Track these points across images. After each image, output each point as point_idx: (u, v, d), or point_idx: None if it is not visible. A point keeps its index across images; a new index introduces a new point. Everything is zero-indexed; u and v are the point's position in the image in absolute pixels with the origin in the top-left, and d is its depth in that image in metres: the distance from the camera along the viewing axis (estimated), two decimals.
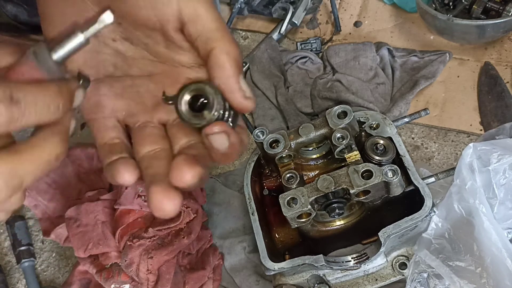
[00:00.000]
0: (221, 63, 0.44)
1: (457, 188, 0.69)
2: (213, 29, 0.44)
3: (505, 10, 0.96)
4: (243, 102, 0.44)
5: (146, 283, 0.81)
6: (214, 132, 0.43)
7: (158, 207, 0.41)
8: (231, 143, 0.44)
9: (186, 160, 0.42)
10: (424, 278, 0.71)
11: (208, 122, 0.43)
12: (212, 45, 0.44)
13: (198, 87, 0.44)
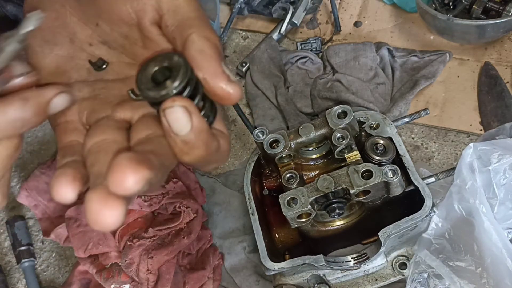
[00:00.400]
0: (200, 47, 0.39)
1: (457, 188, 0.69)
2: (192, 18, 0.42)
3: (505, 10, 0.96)
4: (227, 87, 0.38)
5: (146, 283, 0.81)
6: (172, 106, 0.35)
7: (94, 219, 0.32)
8: (195, 127, 0.35)
9: (130, 159, 0.32)
10: (424, 278, 0.71)
11: (169, 94, 0.36)
12: (190, 31, 0.40)
13: (166, 56, 0.38)
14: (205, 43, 0.40)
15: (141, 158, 0.33)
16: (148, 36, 0.44)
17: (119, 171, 0.32)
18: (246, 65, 1.08)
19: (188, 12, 0.42)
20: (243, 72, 1.09)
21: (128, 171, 0.32)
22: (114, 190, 0.32)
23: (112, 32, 0.46)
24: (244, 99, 1.07)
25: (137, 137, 0.39)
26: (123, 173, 0.32)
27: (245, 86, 1.08)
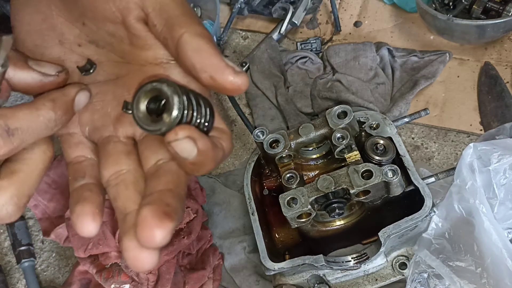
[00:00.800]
0: (197, 46, 0.39)
1: (457, 188, 0.69)
2: (180, 15, 0.41)
3: (505, 10, 0.96)
4: (235, 80, 0.38)
5: (146, 283, 0.81)
6: (176, 139, 0.36)
7: (134, 264, 0.36)
8: (201, 149, 0.37)
9: (154, 215, 0.35)
10: (425, 278, 0.71)
11: (169, 127, 0.37)
12: (181, 31, 0.39)
13: (154, 87, 0.37)
14: (200, 40, 0.39)
15: (164, 211, 0.36)
16: (134, 33, 0.43)
17: (146, 229, 0.35)
18: (246, 65, 1.08)
19: (174, 9, 0.41)
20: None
21: (155, 228, 0.35)
22: (145, 245, 0.35)
23: (98, 31, 0.45)
24: (244, 99, 1.07)
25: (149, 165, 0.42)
26: (151, 230, 0.35)
27: None
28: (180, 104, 0.37)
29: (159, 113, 0.38)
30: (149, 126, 0.37)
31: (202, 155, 0.37)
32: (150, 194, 0.38)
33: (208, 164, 0.38)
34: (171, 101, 0.37)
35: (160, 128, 0.37)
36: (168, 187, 0.38)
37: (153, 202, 0.36)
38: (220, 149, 0.41)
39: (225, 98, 1.08)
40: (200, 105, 0.39)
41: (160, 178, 0.40)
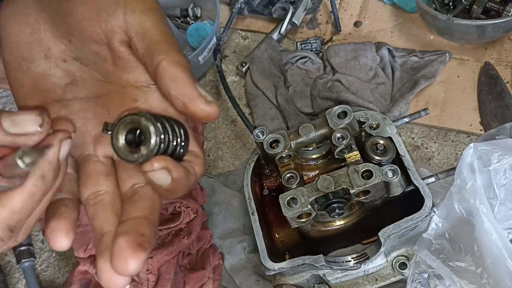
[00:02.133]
0: (172, 74, 0.41)
1: (458, 188, 0.69)
2: (160, 42, 0.42)
3: (505, 10, 0.96)
4: (206, 109, 0.41)
5: (146, 283, 0.81)
6: (152, 170, 0.39)
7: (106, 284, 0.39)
8: (175, 178, 0.40)
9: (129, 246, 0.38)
10: (425, 278, 0.71)
11: (146, 158, 0.40)
12: (159, 57, 0.41)
13: (133, 119, 0.41)
14: (177, 69, 0.41)
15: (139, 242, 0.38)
16: (118, 55, 0.45)
17: (121, 259, 0.38)
18: (246, 65, 1.08)
19: (155, 36, 0.43)
20: (243, 72, 1.09)
21: (130, 259, 0.38)
22: (120, 273, 0.38)
23: (84, 49, 0.46)
24: (244, 99, 1.07)
25: (125, 187, 0.44)
26: (125, 261, 0.38)
27: (245, 86, 1.08)
28: (157, 136, 0.40)
29: (137, 144, 0.41)
30: (128, 156, 0.41)
31: (176, 183, 0.40)
32: (126, 221, 0.41)
33: (180, 190, 0.42)
34: (148, 134, 0.40)
35: (138, 159, 0.40)
36: (143, 214, 0.41)
37: (128, 232, 0.39)
38: (193, 174, 0.43)
39: (225, 98, 1.08)
40: (176, 132, 0.42)
41: (136, 204, 0.42)
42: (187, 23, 1.17)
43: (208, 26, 1.11)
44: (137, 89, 0.46)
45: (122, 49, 0.44)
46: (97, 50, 0.45)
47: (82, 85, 0.47)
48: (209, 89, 1.12)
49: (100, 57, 0.46)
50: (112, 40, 0.44)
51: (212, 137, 1.05)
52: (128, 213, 0.42)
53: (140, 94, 0.46)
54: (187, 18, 1.19)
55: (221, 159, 1.02)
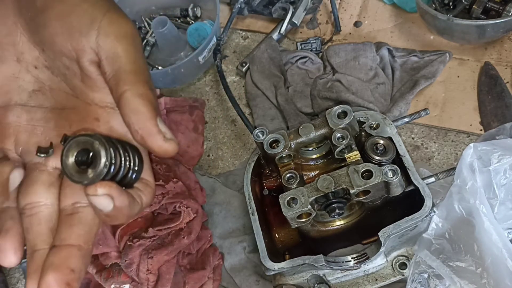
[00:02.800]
0: (135, 106, 0.41)
1: (458, 188, 0.69)
2: (128, 71, 0.42)
3: (505, 10, 0.96)
4: (163, 145, 0.41)
5: (146, 283, 0.81)
6: (94, 194, 0.39)
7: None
8: (117, 206, 0.40)
9: (56, 285, 0.38)
10: (425, 278, 0.71)
11: (91, 182, 0.40)
12: (124, 87, 0.41)
13: (86, 140, 0.40)
14: (139, 102, 0.41)
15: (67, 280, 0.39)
16: (86, 74, 0.45)
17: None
18: (246, 65, 1.08)
19: (125, 64, 0.43)
20: (243, 72, 1.09)
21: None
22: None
23: (55, 60, 0.46)
24: (244, 99, 1.07)
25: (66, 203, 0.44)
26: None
27: (245, 86, 1.08)
28: (106, 161, 0.40)
29: (87, 165, 0.40)
30: (74, 176, 0.40)
31: (117, 210, 0.40)
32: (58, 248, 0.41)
33: (121, 218, 0.42)
34: (98, 158, 0.40)
35: (83, 181, 0.40)
36: (78, 242, 0.41)
37: (58, 267, 0.39)
38: (138, 204, 0.43)
39: (225, 98, 1.08)
40: (129, 158, 0.43)
41: (73, 228, 0.42)
42: (187, 23, 1.17)
43: (208, 26, 1.11)
44: (101, 109, 0.46)
45: (91, 69, 0.44)
46: (68, 64, 0.46)
47: (49, 94, 0.47)
48: (209, 89, 1.12)
49: (70, 71, 0.46)
50: (82, 59, 0.44)
51: (212, 137, 1.05)
52: (63, 237, 0.42)
53: (104, 114, 0.46)
54: (187, 18, 1.19)
55: (221, 159, 1.02)
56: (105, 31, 0.43)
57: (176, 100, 1.05)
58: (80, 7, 0.44)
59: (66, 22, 0.44)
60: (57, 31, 0.44)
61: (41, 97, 0.47)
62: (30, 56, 0.47)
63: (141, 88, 0.42)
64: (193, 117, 1.04)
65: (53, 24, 0.44)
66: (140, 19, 1.21)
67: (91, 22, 0.43)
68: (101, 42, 0.43)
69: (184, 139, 1.01)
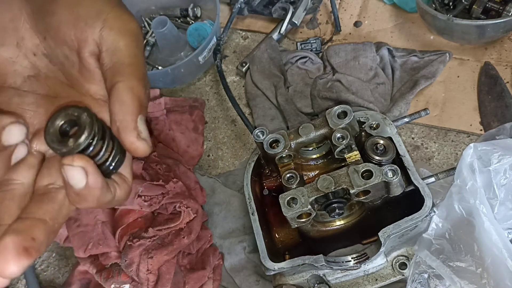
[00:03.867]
0: (121, 98, 0.41)
1: (458, 188, 0.69)
2: (126, 64, 0.43)
3: (505, 10, 0.96)
4: (135, 143, 0.41)
5: (146, 283, 0.81)
6: (70, 164, 0.39)
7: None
8: (89, 184, 0.39)
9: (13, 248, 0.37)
10: (425, 278, 0.71)
11: (69, 151, 0.39)
12: (118, 78, 0.42)
13: (76, 111, 0.40)
14: (127, 94, 0.41)
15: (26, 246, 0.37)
16: (85, 65, 0.45)
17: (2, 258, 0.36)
18: (246, 65, 1.08)
19: (124, 57, 0.43)
20: (243, 72, 1.09)
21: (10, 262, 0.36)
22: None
23: (55, 49, 0.47)
24: (244, 99, 1.07)
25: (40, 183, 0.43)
26: (6, 262, 0.36)
27: (245, 86, 1.08)
28: (90, 135, 0.39)
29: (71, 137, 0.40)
30: (53, 143, 0.39)
31: (88, 190, 0.40)
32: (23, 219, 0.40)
33: (90, 200, 0.41)
34: (82, 129, 0.39)
35: (61, 149, 0.39)
36: (44, 217, 0.40)
37: (20, 232, 0.38)
38: (110, 193, 0.43)
39: (225, 98, 1.08)
40: (113, 147, 0.43)
41: (42, 205, 0.42)
42: (187, 23, 1.17)
43: (208, 26, 1.11)
44: (94, 100, 0.47)
45: (91, 61, 0.45)
46: (68, 53, 0.46)
47: (44, 81, 0.48)
48: (209, 89, 1.12)
49: (69, 61, 0.47)
50: (83, 49, 0.44)
51: (212, 137, 1.05)
52: (30, 211, 0.41)
53: (96, 106, 0.47)
54: (187, 18, 1.19)
55: (221, 159, 1.02)
56: (110, 24, 0.44)
57: (176, 100, 1.05)
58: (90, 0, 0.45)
59: (74, 11, 0.44)
60: (64, 19, 0.44)
61: (35, 84, 0.48)
62: (31, 43, 0.47)
63: (135, 81, 0.42)
64: (193, 117, 1.04)
65: (61, 12, 0.45)
66: (140, 19, 1.21)
67: (98, 14, 0.44)
68: (104, 34, 0.44)
69: (184, 139, 1.01)
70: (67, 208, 0.43)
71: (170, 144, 1.00)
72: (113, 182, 0.44)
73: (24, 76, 0.48)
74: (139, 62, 0.44)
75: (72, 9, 0.45)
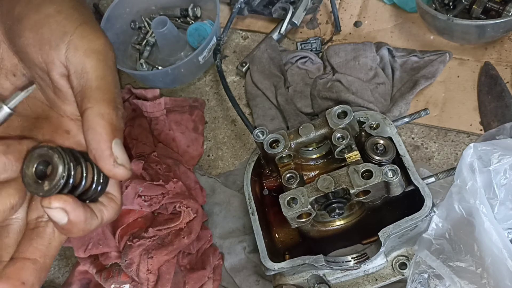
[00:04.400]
0: (93, 126, 0.41)
1: (458, 188, 0.69)
2: (93, 88, 0.42)
3: (505, 10, 0.96)
4: (113, 170, 0.41)
5: (146, 283, 0.81)
6: (47, 207, 0.40)
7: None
8: (71, 220, 0.41)
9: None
10: (425, 278, 0.71)
11: (46, 194, 0.40)
12: (87, 105, 0.41)
13: (47, 153, 0.41)
14: (98, 122, 0.41)
15: None
16: (57, 86, 0.45)
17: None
18: (246, 65, 1.08)
19: (91, 80, 0.42)
20: (243, 72, 1.09)
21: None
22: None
23: (31, 70, 0.47)
24: (244, 99, 1.07)
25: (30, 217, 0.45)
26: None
27: (245, 86, 1.08)
28: (64, 174, 0.40)
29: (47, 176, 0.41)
30: (30, 186, 0.41)
31: (72, 224, 0.41)
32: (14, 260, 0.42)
33: (76, 232, 0.42)
34: (55, 171, 0.40)
35: (38, 192, 0.40)
36: (34, 256, 0.42)
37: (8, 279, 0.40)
38: (96, 219, 0.44)
39: (225, 98, 1.08)
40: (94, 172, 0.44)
41: (31, 242, 0.43)
42: (187, 23, 1.17)
43: (208, 26, 1.11)
44: (72, 121, 0.47)
45: (62, 82, 0.44)
46: (41, 75, 0.46)
47: (25, 103, 0.48)
48: (209, 89, 1.12)
49: (44, 82, 0.46)
50: (52, 72, 0.44)
51: (212, 137, 1.05)
52: (21, 250, 0.43)
53: (74, 127, 0.47)
54: (187, 18, 1.19)
55: (221, 159, 1.02)
56: (75, 45, 0.43)
57: (176, 100, 1.05)
58: (54, 19, 0.43)
59: (38, 34, 0.43)
60: (30, 42, 0.44)
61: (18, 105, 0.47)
62: (9, 63, 0.47)
63: (104, 107, 0.41)
64: (193, 117, 1.04)
65: (27, 35, 0.44)
66: (140, 19, 1.21)
67: (63, 35, 0.43)
68: (70, 57, 0.43)
69: (184, 139, 1.01)
70: (58, 240, 0.44)
71: (170, 144, 1.00)
72: (99, 206, 0.45)
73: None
74: (108, 83, 0.43)
75: (36, 31, 0.43)
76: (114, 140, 0.41)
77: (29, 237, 0.44)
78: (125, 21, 1.19)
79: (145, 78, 1.12)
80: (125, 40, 1.19)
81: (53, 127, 0.47)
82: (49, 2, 0.44)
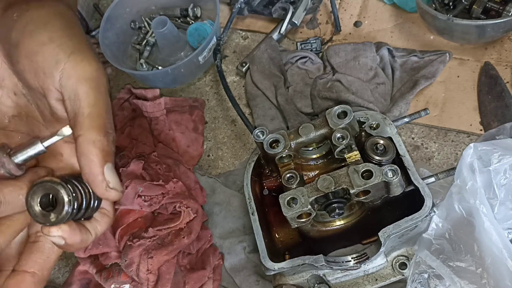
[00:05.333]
0: (85, 152, 0.43)
1: (458, 188, 0.69)
2: (85, 115, 0.44)
3: (505, 10, 0.96)
4: (105, 193, 0.45)
5: (146, 283, 0.81)
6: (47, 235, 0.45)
7: None
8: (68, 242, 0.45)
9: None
10: (425, 278, 0.71)
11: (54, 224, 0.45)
12: (79, 132, 0.44)
13: (49, 187, 0.45)
14: (90, 149, 0.44)
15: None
16: (53, 110, 0.47)
17: None
18: (246, 65, 1.08)
19: (83, 108, 0.44)
20: (243, 72, 1.09)
21: None
22: None
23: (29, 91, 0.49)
24: (244, 99, 1.07)
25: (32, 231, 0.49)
26: None
27: (245, 86, 1.08)
28: (69, 209, 0.45)
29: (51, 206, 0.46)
30: (37, 217, 0.45)
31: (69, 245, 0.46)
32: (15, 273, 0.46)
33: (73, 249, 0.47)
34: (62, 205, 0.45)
35: (45, 223, 0.45)
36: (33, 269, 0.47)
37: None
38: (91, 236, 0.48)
39: (225, 98, 1.08)
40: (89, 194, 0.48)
41: (31, 256, 0.48)
42: (187, 23, 1.17)
43: (208, 26, 1.11)
44: (66, 143, 0.49)
45: (58, 107, 0.47)
46: (39, 98, 0.48)
47: (25, 120, 0.50)
48: (209, 89, 1.12)
49: (42, 103, 0.49)
50: (48, 96, 0.46)
51: (212, 137, 1.05)
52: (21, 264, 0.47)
53: (68, 150, 0.50)
54: (187, 18, 1.19)
55: (221, 159, 1.02)
56: (67, 74, 0.44)
57: (176, 100, 1.05)
58: (47, 47, 0.45)
59: (33, 61, 0.45)
60: (26, 68, 0.46)
61: (19, 122, 0.50)
62: (10, 82, 0.49)
63: (95, 134, 0.44)
64: (193, 117, 1.04)
65: (23, 61, 0.46)
66: (140, 19, 1.21)
67: (56, 63, 0.45)
68: (63, 84, 0.45)
69: (184, 139, 1.01)
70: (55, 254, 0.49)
71: (170, 144, 1.00)
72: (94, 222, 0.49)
73: (9, 116, 0.50)
74: (100, 109, 0.45)
75: (31, 59, 0.45)
76: (106, 165, 0.44)
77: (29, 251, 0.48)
78: (125, 21, 1.19)
79: (145, 78, 1.12)
80: (125, 40, 1.19)
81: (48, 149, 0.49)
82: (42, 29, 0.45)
